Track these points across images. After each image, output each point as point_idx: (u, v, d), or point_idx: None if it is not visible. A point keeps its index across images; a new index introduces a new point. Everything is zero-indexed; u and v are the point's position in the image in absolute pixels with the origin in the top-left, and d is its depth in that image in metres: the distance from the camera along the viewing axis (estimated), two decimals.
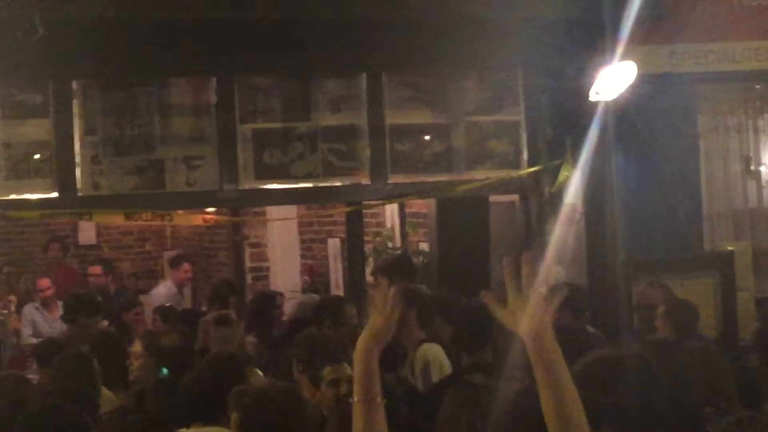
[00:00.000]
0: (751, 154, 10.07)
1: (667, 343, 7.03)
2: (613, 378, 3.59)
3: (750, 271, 9.34)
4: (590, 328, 7.18)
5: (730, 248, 9.41)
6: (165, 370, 6.76)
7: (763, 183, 10.24)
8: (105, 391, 6.88)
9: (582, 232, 9.07)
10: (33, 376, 7.54)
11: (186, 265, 12.51)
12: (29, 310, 10.86)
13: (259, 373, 6.80)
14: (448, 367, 6.87)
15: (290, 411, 4.52)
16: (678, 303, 7.92)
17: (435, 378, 6.74)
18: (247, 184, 8.75)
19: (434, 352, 7.00)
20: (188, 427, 5.48)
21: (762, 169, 10.21)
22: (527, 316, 2.75)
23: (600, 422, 3.15)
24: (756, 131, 10.11)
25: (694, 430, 5.03)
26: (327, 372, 5.99)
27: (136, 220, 9.50)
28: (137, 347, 7.15)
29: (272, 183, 8.87)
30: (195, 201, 9.31)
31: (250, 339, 8.30)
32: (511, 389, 4.20)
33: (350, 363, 6.36)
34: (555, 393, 2.81)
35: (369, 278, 9.52)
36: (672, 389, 5.36)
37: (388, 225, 12.55)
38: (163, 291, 12.06)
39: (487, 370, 6.18)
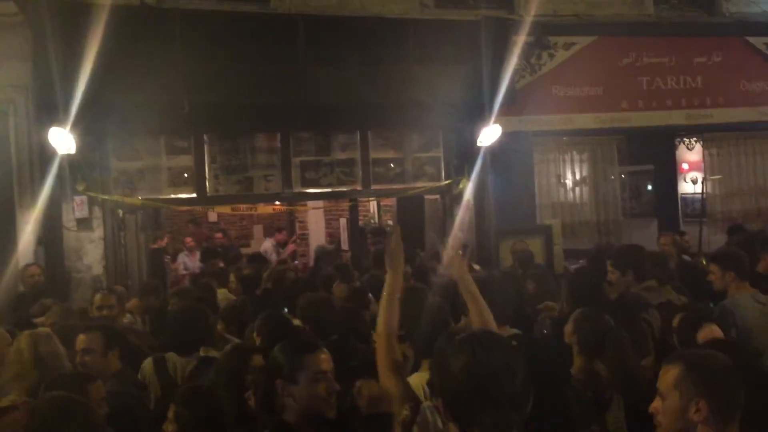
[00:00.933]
0: (560, 173, 10.19)
1: (516, 272, 7.18)
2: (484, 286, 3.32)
3: (560, 235, 9.23)
4: (476, 266, 7.09)
5: (549, 223, 9.34)
6: None
7: (567, 189, 10.35)
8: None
9: (472, 215, 8.97)
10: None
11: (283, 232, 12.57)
12: (181, 256, 10.90)
13: None
14: None
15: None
16: (522, 250, 8.08)
17: None
18: (296, 189, 8.74)
19: None
20: None
21: (566, 181, 10.31)
22: (453, 267, 2.89)
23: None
24: (563, 162, 10.20)
25: (530, 325, 4.61)
26: None
27: (236, 210, 9.40)
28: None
29: (310, 188, 8.86)
30: (269, 198, 9.36)
31: None
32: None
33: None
34: (476, 307, 2.83)
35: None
36: (519, 297, 5.35)
37: (371, 211, 12.64)
38: (268, 244, 12.17)
39: None
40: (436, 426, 2.35)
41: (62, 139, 7.07)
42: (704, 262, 6.34)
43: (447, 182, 9.09)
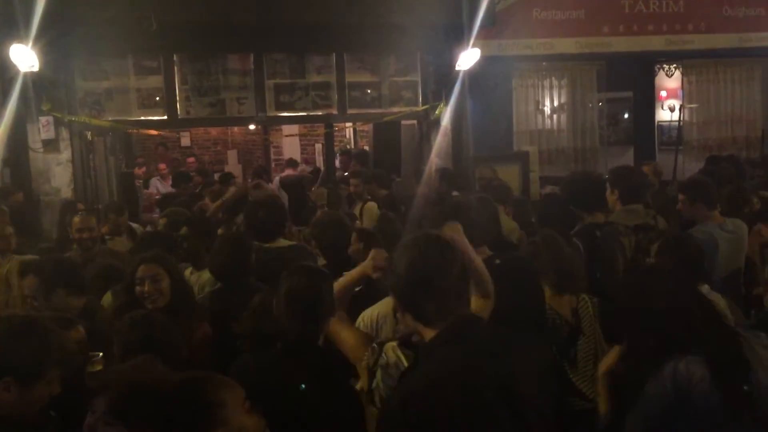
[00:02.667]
0: (539, 99, 10.16)
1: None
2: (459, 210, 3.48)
3: (537, 162, 9.22)
4: (455, 193, 7.06)
5: (526, 149, 9.34)
6: None
7: (546, 116, 10.35)
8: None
9: (449, 140, 8.91)
10: (156, 216, 7.56)
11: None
12: (154, 181, 10.73)
13: None
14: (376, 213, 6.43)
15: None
16: (496, 180, 8.01)
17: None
18: (271, 113, 8.61)
19: (372, 206, 6.89)
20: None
21: (545, 108, 10.30)
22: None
23: None
24: (542, 87, 10.18)
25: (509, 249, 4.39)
26: None
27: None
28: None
29: (285, 112, 8.73)
30: (242, 121, 9.28)
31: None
32: None
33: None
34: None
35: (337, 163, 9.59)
36: (496, 221, 5.34)
37: (348, 136, 12.56)
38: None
39: None
40: (399, 364, 2.45)
41: (24, 56, 6.81)
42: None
43: (424, 107, 9.01)
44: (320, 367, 2.50)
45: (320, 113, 8.84)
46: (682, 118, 10.06)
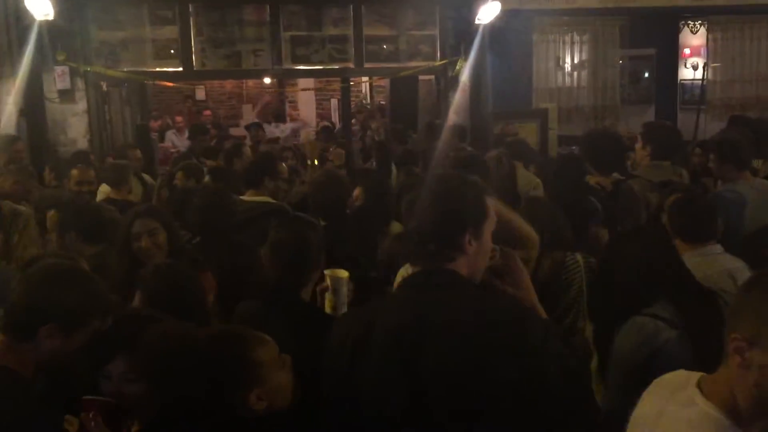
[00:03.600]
0: (560, 55, 9.98)
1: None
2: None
3: (555, 120, 9.15)
4: (468, 148, 7.06)
5: (545, 107, 9.22)
6: None
7: (566, 73, 10.19)
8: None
9: (467, 97, 8.78)
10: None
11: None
12: (169, 134, 10.71)
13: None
14: None
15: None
16: (518, 139, 7.91)
17: None
18: (286, 66, 8.54)
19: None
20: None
21: (565, 65, 10.13)
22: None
23: None
24: (563, 43, 9.98)
25: None
26: None
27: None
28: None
29: (300, 65, 8.65)
30: (258, 74, 9.21)
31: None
32: None
33: None
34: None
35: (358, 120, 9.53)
36: (512, 179, 5.32)
37: (364, 91, 12.46)
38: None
39: None
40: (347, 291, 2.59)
41: (39, 4, 6.74)
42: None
43: (442, 62, 8.90)
44: (298, 320, 2.37)
45: (336, 67, 8.75)
46: (705, 77, 9.84)
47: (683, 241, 3.09)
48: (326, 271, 2.60)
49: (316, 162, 6.67)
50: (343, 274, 2.63)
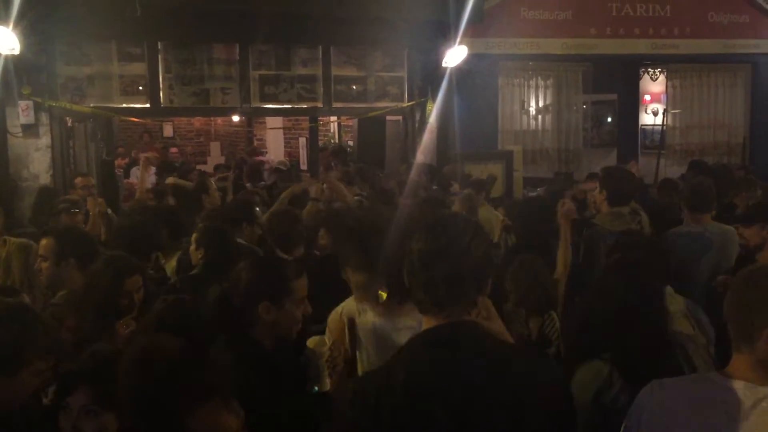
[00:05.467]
0: (525, 99, 10.16)
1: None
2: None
3: (521, 161, 9.26)
4: (434, 186, 7.16)
5: (511, 148, 9.33)
6: None
7: (531, 116, 10.35)
8: None
9: (435, 138, 8.90)
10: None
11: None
12: (134, 170, 10.55)
13: None
14: None
15: None
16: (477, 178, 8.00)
17: None
18: (255, 104, 8.54)
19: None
20: None
21: (530, 109, 10.30)
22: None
23: None
24: (528, 87, 10.18)
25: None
26: None
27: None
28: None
29: (269, 104, 8.65)
30: (226, 112, 9.20)
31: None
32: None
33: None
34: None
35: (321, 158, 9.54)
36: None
37: (332, 131, 12.51)
38: None
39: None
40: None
41: (4, 39, 6.68)
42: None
43: (410, 103, 9.01)
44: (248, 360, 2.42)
45: (305, 106, 8.78)
46: (665, 122, 10.11)
47: None
48: (309, 341, 2.57)
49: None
50: (323, 344, 2.58)
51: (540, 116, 10.34)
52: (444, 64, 8.49)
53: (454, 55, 8.35)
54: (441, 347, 1.71)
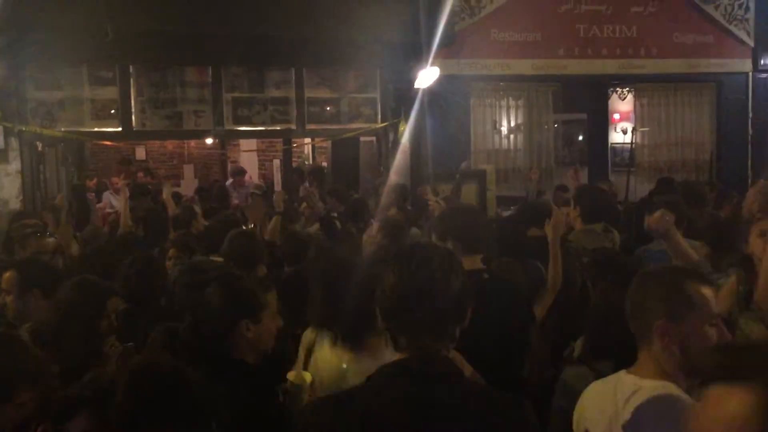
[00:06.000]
0: (496, 119, 10.24)
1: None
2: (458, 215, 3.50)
3: (494, 181, 9.21)
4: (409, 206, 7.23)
5: (483, 168, 9.36)
6: None
7: (502, 136, 10.44)
8: None
9: (408, 158, 9.00)
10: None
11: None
12: (107, 195, 10.41)
13: None
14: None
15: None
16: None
17: None
18: (228, 127, 8.57)
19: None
20: None
21: (501, 128, 10.39)
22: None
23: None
24: (500, 107, 10.26)
25: None
26: None
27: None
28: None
29: (242, 126, 8.69)
30: (199, 135, 9.20)
31: None
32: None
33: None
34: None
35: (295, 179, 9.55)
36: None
37: (306, 152, 12.53)
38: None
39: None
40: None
41: None
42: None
43: (383, 124, 9.10)
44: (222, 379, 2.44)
45: (278, 128, 8.82)
46: (634, 141, 10.26)
47: None
48: (289, 375, 2.57)
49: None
50: (304, 379, 2.57)
51: (512, 135, 10.43)
52: (416, 86, 8.58)
53: (427, 77, 8.45)
54: (409, 378, 1.67)
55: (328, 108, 9.03)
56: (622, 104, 10.94)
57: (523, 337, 3.15)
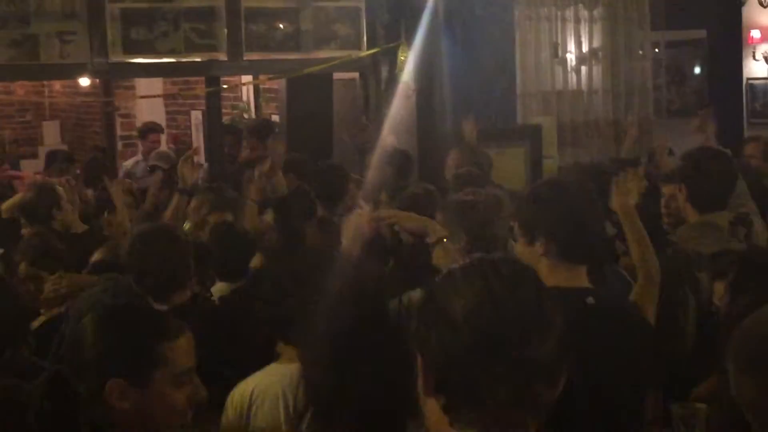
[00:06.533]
0: (559, 42, 10.25)
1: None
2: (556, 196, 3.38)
3: (554, 143, 9.41)
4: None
5: (537, 122, 9.44)
6: None
7: (569, 68, 10.44)
8: None
9: (413, 107, 9.04)
10: None
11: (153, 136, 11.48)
12: None
13: None
14: None
15: None
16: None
17: None
18: (115, 58, 8.54)
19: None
20: None
21: (567, 58, 10.41)
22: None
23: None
24: (564, 21, 10.26)
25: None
26: None
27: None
28: None
29: (139, 57, 8.69)
30: (67, 72, 9.17)
31: None
32: None
33: None
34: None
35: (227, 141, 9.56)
36: None
37: (245, 99, 12.50)
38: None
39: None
40: None
41: None
42: None
43: (372, 51, 9.12)
44: None
45: (198, 59, 8.85)
46: None
47: None
48: None
49: None
50: None
51: (584, 68, 10.45)
52: None
53: None
54: None
55: (280, 25, 9.06)
56: (765, 14, 10.92)
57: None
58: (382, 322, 3.00)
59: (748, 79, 10.99)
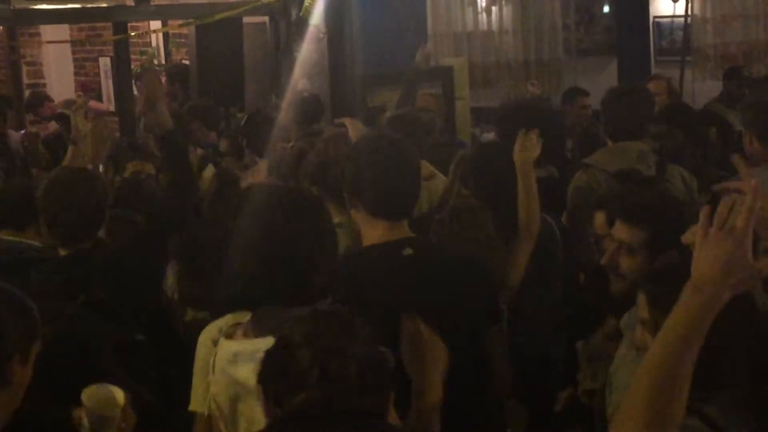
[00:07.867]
0: None
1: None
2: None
3: (466, 84, 9.37)
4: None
5: (449, 64, 9.44)
6: None
7: (479, 9, 10.49)
8: None
9: (324, 50, 9.01)
10: None
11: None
12: None
13: None
14: None
15: None
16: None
17: None
18: (18, 4, 8.34)
19: None
20: None
21: None
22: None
23: None
24: None
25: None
26: None
27: None
28: None
29: (43, 3, 8.59)
30: None
31: None
32: None
33: None
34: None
35: (135, 92, 9.44)
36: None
37: (154, 45, 12.39)
38: None
39: None
40: None
41: None
42: None
43: None
44: None
45: (105, 5, 8.80)
46: (690, 12, 10.37)
47: None
48: (85, 393, 2.56)
49: None
50: (113, 401, 2.59)
51: (494, 8, 10.50)
52: None
53: None
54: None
55: None
56: None
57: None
58: None
59: (655, 17, 11.15)
